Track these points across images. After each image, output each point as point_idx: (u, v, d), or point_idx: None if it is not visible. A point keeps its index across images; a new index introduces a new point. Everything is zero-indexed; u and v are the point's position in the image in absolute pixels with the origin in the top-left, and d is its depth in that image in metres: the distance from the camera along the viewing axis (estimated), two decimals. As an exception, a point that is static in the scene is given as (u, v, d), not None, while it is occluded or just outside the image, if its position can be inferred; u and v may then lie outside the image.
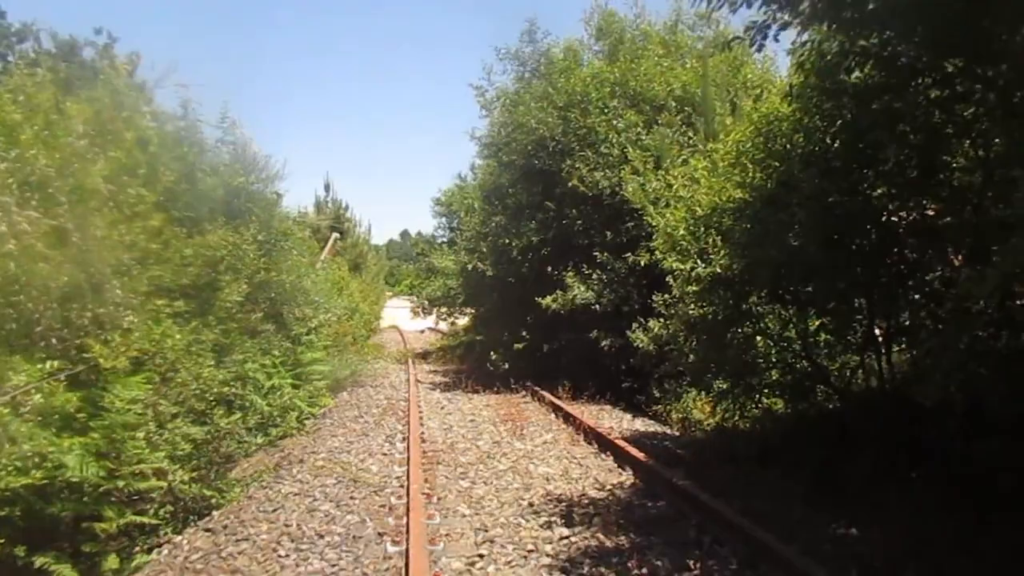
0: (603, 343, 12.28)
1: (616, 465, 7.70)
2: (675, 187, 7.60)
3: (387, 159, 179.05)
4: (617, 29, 14.48)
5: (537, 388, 12.99)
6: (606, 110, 12.72)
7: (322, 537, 5.47)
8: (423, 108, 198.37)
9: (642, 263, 8.84)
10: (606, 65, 13.53)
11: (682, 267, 7.12)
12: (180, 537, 5.91)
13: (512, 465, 7.73)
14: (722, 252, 6.86)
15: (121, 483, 5.63)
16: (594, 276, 12.52)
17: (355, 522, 5.79)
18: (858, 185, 5.98)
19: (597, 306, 12.40)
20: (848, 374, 7.81)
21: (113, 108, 8.33)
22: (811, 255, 5.81)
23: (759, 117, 6.69)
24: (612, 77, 13.04)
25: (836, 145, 6.03)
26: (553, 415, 11.02)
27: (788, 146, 6.32)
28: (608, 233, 12.46)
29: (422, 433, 9.41)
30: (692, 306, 8.54)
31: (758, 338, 8.15)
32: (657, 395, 11.17)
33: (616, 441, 8.08)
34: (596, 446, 8.58)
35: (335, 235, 28.28)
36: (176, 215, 9.01)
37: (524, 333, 14.10)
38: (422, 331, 29.71)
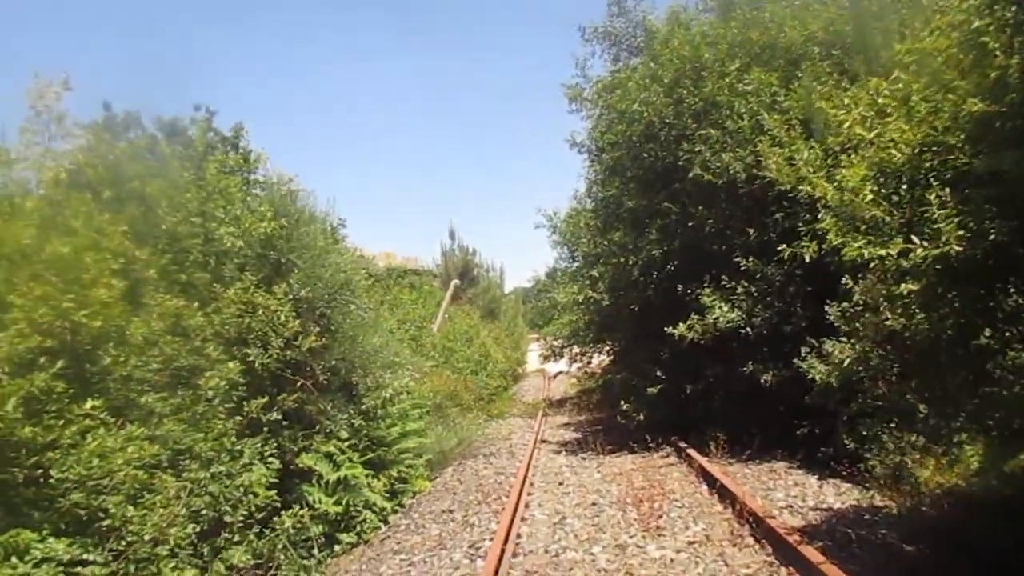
0: (763, 377, 9.15)
1: (807, 595, 4.70)
2: (849, 123, 4.63)
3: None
4: (729, -24, 11.52)
5: (682, 444, 10.01)
6: (725, 75, 9.78)
7: None
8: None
9: (807, 258, 5.85)
10: (720, 23, 10.63)
11: (880, 252, 4.12)
12: None
13: (636, 599, 4.93)
14: (954, 216, 3.83)
15: None
16: (739, 290, 9.47)
17: None
18: None
19: (748, 329, 9.32)
20: None
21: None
22: None
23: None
24: (728, 35, 10.12)
25: None
26: (704, 486, 8.04)
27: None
28: (751, 230, 9.40)
29: (519, 537, 6.77)
30: (892, 317, 5.54)
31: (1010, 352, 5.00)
32: (849, 444, 7.91)
33: (800, 548, 5.06)
34: (770, 549, 5.58)
35: (454, 282, 26.48)
36: (184, 279, 7.17)
37: (659, 373, 11.12)
38: (555, 375, 27.13)
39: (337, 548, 7.62)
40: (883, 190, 4.47)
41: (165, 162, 7.81)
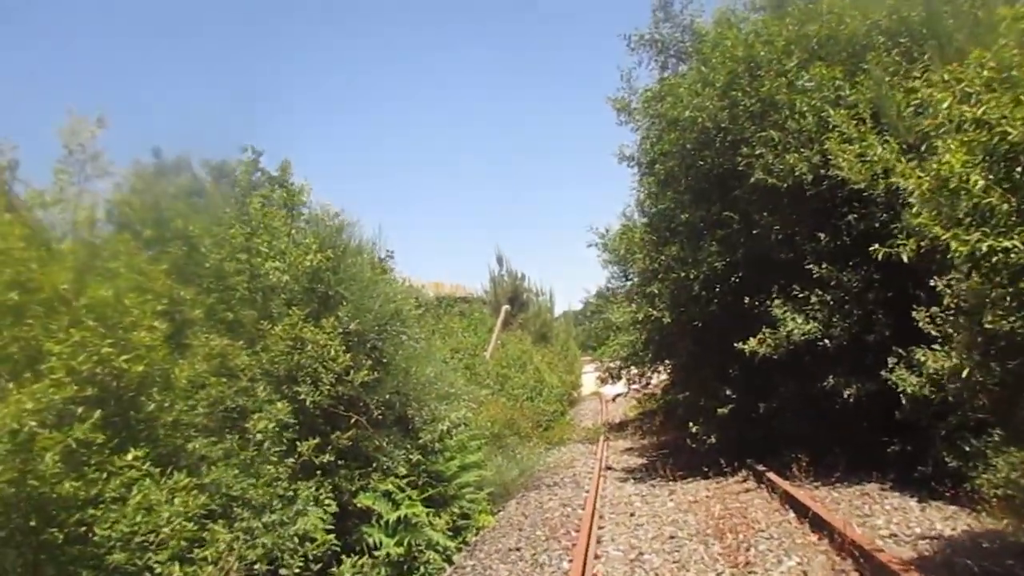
0: (845, 392, 8.49)
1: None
2: (948, 103, 4.10)
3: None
4: (780, -29, 11.02)
5: (760, 467, 9.35)
6: (783, 73, 9.26)
7: None
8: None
9: (905, 258, 5.23)
10: (773, 20, 10.12)
11: (1005, 244, 3.58)
12: None
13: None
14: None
15: None
16: (813, 299, 8.84)
17: None
18: None
19: (826, 341, 8.67)
20: None
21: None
22: None
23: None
24: (783, 31, 9.62)
25: None
26: (792, 514, 7.40)
27: None
28: (821, 235, 8.80)
29: (593, 577, 6.28)
30: (994, 318, 4.96)
31: None
32: (951, 462, 7.19)
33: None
34: (882, 588, 4.98)
35: (505, 308, 26.13)
36: (230, 317, 6.96)
37: (728, 392, 10.49)
38: (614, 398, 26.36)
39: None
40: (995, 170, 3.93)
41: (208, 199, 7.64)
